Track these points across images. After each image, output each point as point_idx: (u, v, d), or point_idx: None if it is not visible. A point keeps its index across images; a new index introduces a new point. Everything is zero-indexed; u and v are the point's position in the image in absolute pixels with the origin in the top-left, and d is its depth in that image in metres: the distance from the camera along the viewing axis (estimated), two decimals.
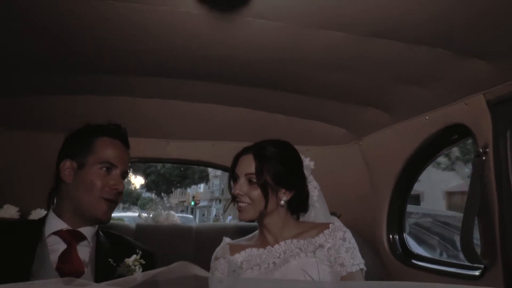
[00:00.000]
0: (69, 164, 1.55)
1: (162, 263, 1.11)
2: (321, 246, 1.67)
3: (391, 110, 2.27)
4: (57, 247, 1.50)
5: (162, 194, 25.61)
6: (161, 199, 25.98)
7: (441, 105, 2.01)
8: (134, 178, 26.28)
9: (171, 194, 27.74)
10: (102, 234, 1.64)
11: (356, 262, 1.66)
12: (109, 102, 2.41)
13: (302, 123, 2.62)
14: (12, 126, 2.56)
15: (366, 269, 1.69)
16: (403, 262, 2.46)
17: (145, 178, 24.53)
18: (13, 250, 1.44)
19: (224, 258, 1.74)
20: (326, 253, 1.66)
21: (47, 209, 1.62)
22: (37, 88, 2.26)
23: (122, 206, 25.27)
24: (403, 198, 2.52)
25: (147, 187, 25.52)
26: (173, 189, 25.56)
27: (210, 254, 1.82)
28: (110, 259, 1.52)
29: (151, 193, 26.28)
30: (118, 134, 1.63)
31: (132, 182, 29.47)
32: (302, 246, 1.67)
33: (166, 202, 25.06)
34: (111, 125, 1.64)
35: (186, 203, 32.56)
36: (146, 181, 24.67)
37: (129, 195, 29.29)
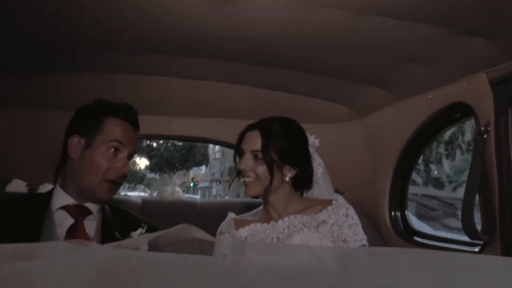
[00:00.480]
0: (77, 140, 1.53)
1: None
2: (324, 222, 1.68)
3: (394, 88, 2.27)
4: (64, 222, 1.49)
5: (165, 175, 25.82)
6: (163, 180, 26.22)
7: (443, 83, 2.01)
8: (139, 159, 26.50)
9: (174, 175, 27.93)
10: (108, 208, 1.64)
11: (358, 238, 1.68)
12: (113, 80, 2.43)
13: (305, 101, 2.62)
14: (19, 105, 2.59)
15: (368, 245, 1.71)
16: (404, 239, 2.49)
17: (149, 160, 24.70)
18: (20, 223, 1.44)
19: (228, 233, 1.75)
20: (329, 228, 1.68)
21: (54, 183, 1.63)
22: (43, 67, 2.28)
23: (127, 186, 25.47)
24: (405, 176, 2.54)
25: (151, 169, 25.71)
26: (175, 170, 25.70)
27: (214, 229, 1.82)
28: (116, 233, 1.52)
29: (155, 173, 26.46)
30: (129, 116, 1.59)
31: (137, 163, 29.74)
32: (305, 221, 1.68)
33: (169, 183, 25.22)
34: (123, 105, 1.60)
35: (187, 184, 32.83)
36: (150, 162, 24.84)
37: (134, 175, 29.46)
